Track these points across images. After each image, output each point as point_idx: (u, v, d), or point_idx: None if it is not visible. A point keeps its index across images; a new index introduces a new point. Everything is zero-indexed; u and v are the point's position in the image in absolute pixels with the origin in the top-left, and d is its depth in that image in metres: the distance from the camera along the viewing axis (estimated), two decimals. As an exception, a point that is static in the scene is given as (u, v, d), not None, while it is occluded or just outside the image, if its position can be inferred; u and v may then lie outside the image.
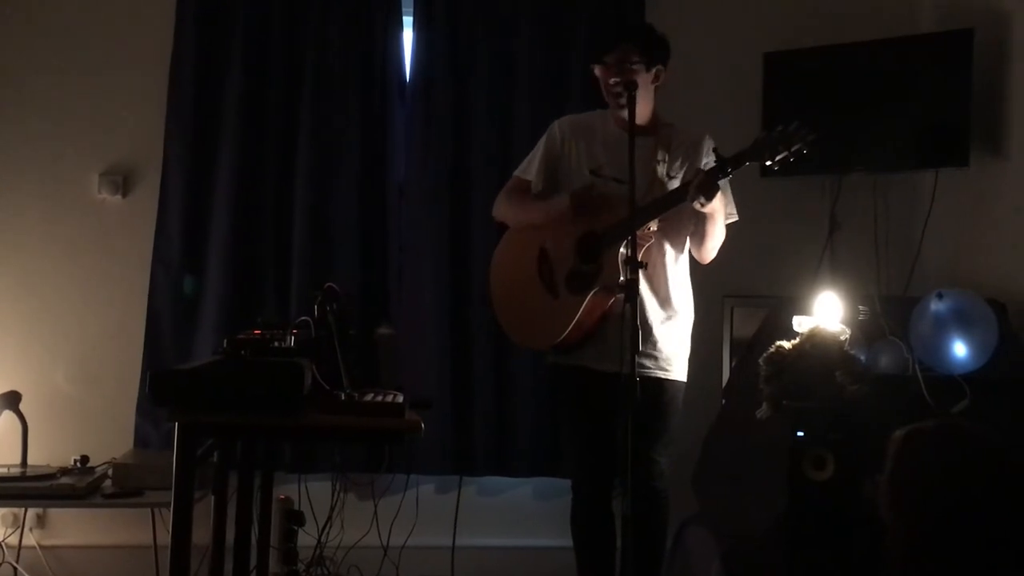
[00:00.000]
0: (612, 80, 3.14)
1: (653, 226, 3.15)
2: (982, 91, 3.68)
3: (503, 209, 3.44)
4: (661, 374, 3.21)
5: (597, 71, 3.23)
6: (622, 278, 2.73)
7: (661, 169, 3.23)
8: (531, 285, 3.28)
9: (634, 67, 3.14)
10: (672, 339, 3.25)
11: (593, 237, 3.17)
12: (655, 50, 3.21)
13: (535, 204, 3.35)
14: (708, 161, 3.12)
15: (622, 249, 3.04)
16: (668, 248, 3.25)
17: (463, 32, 4.19)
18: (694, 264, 3.34)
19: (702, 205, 3.02)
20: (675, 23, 3.61)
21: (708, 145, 3.25)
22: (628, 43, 3.19)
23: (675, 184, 3.22)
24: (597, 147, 3.29)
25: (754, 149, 3.00)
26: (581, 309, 3.12)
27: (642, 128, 3.09)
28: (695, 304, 3.36)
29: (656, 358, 3.20)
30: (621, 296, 2.67)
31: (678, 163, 3.27)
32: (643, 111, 3.17)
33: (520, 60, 4.18)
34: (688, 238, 3.28)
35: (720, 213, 3.17)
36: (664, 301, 3.24)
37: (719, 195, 3.05)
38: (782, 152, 2.95)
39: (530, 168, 3.38)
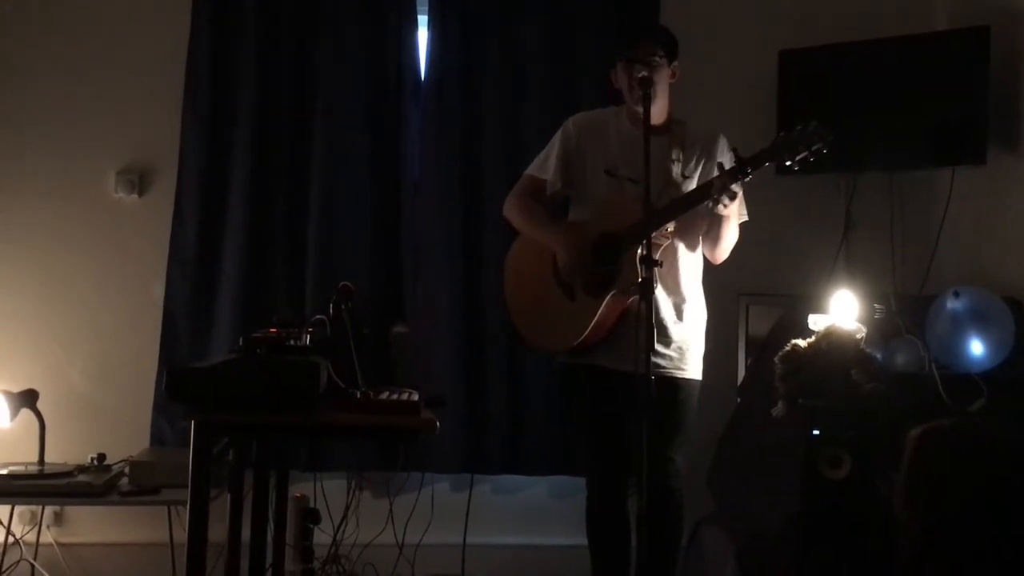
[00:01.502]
0: (639, 75, 3.08)
1: (671, 227, 3.14)
2: (999, 88, 3.65)
3: (513, 213, 3.40)
4: (676, 373, 3.21)
5: (619, 67, 3.21)
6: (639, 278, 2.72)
7: (676, 169, 3.21)
8: (547, 287, 3.27)
9: (658, 62, 3.14)
10: (687, 337, 3.24)
11: (611, 239, 3.16)
12: (673, 46, 3.23)
13: (543, 227, 3.31)
14: (725, 161, 3.09)
15: (640, 250, 3.04)
16: (682, 248, 3.24)
17: (476, 32, 4.19)
18: (708, 262, 3.33)
19: (725, 206, 3.01)
20: (690, 20, 3.62)
21: (722, 144, 3.25)
22: (652, 38, 3.20)
23: (690, 184, 3.21)
24: (612, 146, 3.28)
25: (774, 149, 2.98)
26: (599, 312, 3.11)
27: (657, 127, 3.07)
28: (710, 302, 3.35)
29: (671, 357, 3.20)
30: (636, 296, 2.67)
31: (692, 162, 3.25)
32: (659, 109, 3.17)
33: (533, 60, 4.18)
34: (701, 238, 3.27)
35: (736, 214, 3.16)
36: (678, 300, 3.23)
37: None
38: (802, 152, 2.94)
39: (546, 167, 3.36)
